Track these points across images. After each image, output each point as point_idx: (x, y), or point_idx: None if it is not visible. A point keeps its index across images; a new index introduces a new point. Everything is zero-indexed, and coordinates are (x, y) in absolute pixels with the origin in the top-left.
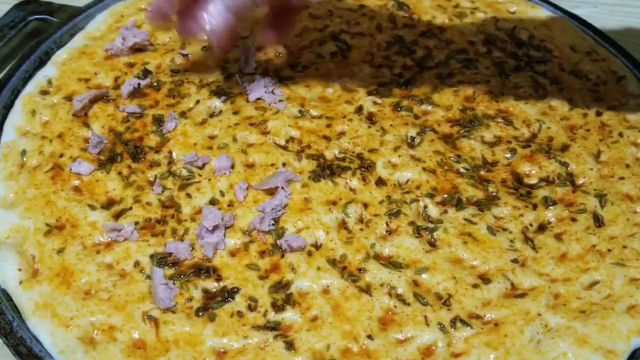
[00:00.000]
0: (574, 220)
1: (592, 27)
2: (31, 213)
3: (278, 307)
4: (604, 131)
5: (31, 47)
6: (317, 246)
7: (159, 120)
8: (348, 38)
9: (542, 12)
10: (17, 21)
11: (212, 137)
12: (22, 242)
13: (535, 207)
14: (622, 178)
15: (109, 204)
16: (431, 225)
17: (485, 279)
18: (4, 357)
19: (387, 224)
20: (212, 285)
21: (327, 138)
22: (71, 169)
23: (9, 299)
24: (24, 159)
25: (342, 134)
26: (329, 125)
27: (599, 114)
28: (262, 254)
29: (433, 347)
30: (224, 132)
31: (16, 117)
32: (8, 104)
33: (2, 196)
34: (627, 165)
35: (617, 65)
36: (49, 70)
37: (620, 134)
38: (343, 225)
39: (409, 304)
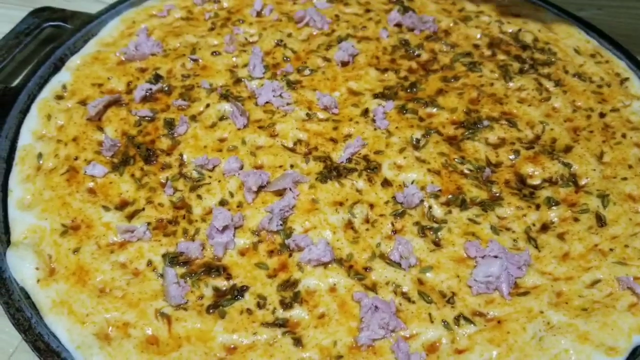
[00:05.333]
0: (576, 220)
1: (597, 29)
2: (47, 214)
3: (286, 305)
4: (607, 132)
5: (46, 53)
6: None
7: (170, 124)
8: (354, 42)
9: (547, 15)
10: (32, 28)
11: (221, 140)
12: (39, 242)
13: (538, 207)
14: (624, 179)
15: (122, 205)
16: (436, 225)
17: None
18: (23, 352)
19: (392, 224)
20: (222, 283)
21: (334, 140)
22: (86, 172)
23: (27, 296)
24: (40, 162)
25: (348, 136)
26: (335, 128)
27: (602, 115)
28: (271, 253)
29: (437, 344)
30: (234, 135)
31: (32, 121)
32: (24, 109)
33: (19, 198)
34: (630, 166)
35: (621, 67)
36: (64, 76)
37: (624, 135)
38: (349, 225)
39: (413, 302)
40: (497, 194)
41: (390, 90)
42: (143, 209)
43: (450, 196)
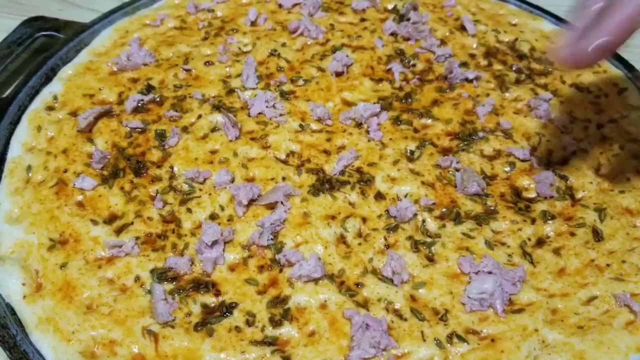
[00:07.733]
0: (572, 234)
1: None
2: (35, 228)
3: (276, 322)
4: (605, 144)
5: (38, 63)
6: None
7: (161, 136)
8: (349, 52)
9: (544, 24)
10: (24, 38)
11: (213, 152)
12: (26, 256)
13: (533, 221)
14: (622, 192)
15: (111, 219)
16: (429, 240)
17: None
18: None
19: (385, 239)
20: (210, 300)
21: (327, 152)
22: (75, 185)
23: (13, 313)
24: (30, 175)
25: (342, 147)
26: (329, 139)
27: (599, 126)
28: (261, 268)
29: None
30: (225, 147)
31: (22, 132)
32: (15, 120)
33: (7, 211)
34: (628, 179)
35: (618, 77)
36: (55, 86)
37: (621, 147)
38: (342, 239)
39: (406, 319)
40: (492, 208)
41: (385, 100)
42: (132, 223)
43: (444, 210)
